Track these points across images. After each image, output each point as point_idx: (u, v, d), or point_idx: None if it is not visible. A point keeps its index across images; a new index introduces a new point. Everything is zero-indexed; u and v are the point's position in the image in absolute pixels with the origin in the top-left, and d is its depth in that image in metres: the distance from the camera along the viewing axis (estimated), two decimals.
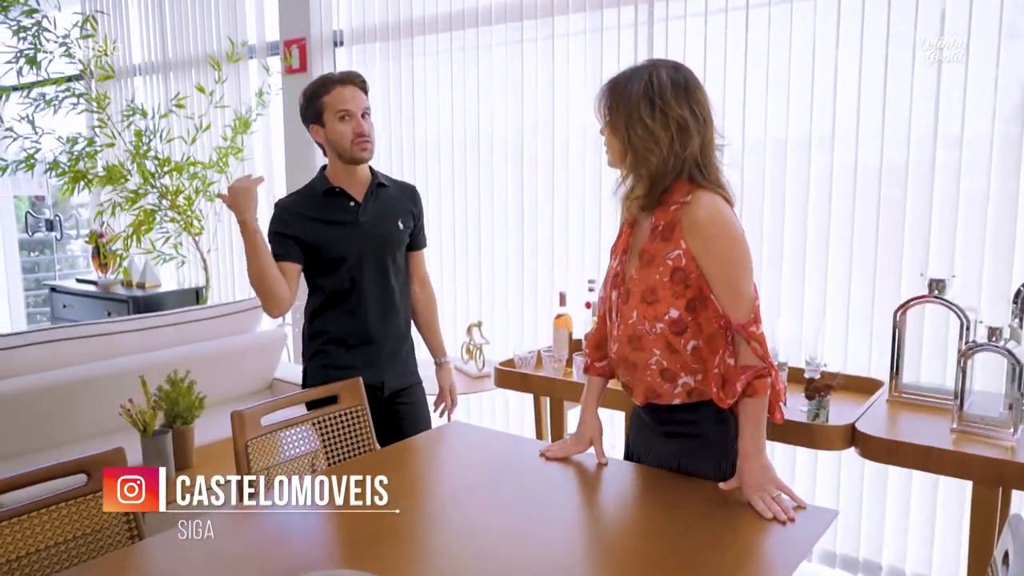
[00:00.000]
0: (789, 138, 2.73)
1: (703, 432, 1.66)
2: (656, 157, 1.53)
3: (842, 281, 2.70)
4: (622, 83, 1.56)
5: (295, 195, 2.22)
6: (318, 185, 2.19)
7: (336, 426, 2.03)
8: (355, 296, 2.17)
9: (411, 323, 2.34)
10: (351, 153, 2.12)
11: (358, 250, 2.14)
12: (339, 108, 2.09)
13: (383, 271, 2.19)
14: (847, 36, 2.58)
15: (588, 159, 3.20)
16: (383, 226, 2.19)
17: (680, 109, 1.52)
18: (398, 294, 2.25)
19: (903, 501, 2.64)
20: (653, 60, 1.61)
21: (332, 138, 2.12)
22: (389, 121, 3.80)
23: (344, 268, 2.14)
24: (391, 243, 2.21)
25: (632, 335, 1.62)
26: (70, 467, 1.51)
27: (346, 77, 2.12)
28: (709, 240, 1.53)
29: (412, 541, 1.47)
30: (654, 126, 1.52)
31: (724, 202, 1.56)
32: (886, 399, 2.23)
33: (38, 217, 6.29)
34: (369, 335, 2.19)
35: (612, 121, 1.58)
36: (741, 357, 1.57)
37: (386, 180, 2.27)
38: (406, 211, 2.27)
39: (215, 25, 4.38)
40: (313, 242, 2.12)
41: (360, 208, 2.17)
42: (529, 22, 3.27)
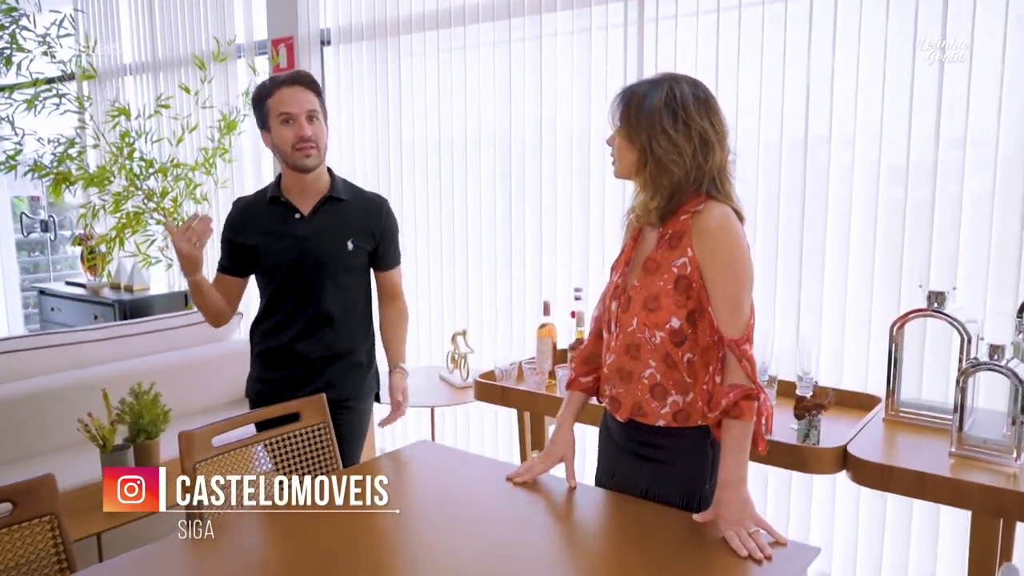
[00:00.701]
0: (784, 139, 2.61)
1: (677, 461, 1.59)
2: (679, 168, 1.49)
3: (838, 290, 2.57)
4: (640, 93, 1.52)
5: (251, 199, 2.12)
6: (268, 191, 2.08)
7: (296, 445, 1.93)
8: (282, 312, 2.06)
9: (356, 345, 2.15)
10: (292, 159, 1.98)
11: (290, 265, 2.02)
12: (280, 111, 1.95)
13: (318, 290, 2.04)
14: (844, 35, 2.46)
15: (576, 163, 3.09)
16: (326, 242, 2.03)
17: (702, 121, 1.49)
18: (337, 315, 2.08)
19: (903, 527, 2.51)
20: (670, 73, 1.56)
21: (275, 143, 1.99)
22: (376, 122, 3.70)
23: (275, 282, 2.04)
24: (332, 261, 2.04)
25: (630, 344, 1.57)
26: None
27: (291, 77, 1.99)
28: (716, 248, 1.49)
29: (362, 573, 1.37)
30: (677, 137, 1.48)
31: (735, 215, 1.52)
32: (882, 418, 2.11)
33: (33, 218, 6.24)
34: (293, 354, 2.07)
35: (628, 131, 1.53)
36: (729, 375, 1.51)
37: (347, 193, 2.10)
38: (363, 229, 2.09)
39: (204, 24, 4.30)
40: (253, 250, 2.05)
41: (303, 221, 2.04)
42: (517, 20, 3.16)
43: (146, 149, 4.07)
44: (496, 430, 3.47)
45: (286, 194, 2.05)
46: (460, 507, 1.62)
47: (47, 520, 1.46)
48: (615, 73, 2.94)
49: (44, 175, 3.76)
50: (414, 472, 1.87)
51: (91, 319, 4.55)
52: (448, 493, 1.71)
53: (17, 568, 1.41)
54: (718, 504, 1.48)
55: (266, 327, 2.10)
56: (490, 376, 2.59)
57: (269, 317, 2.09)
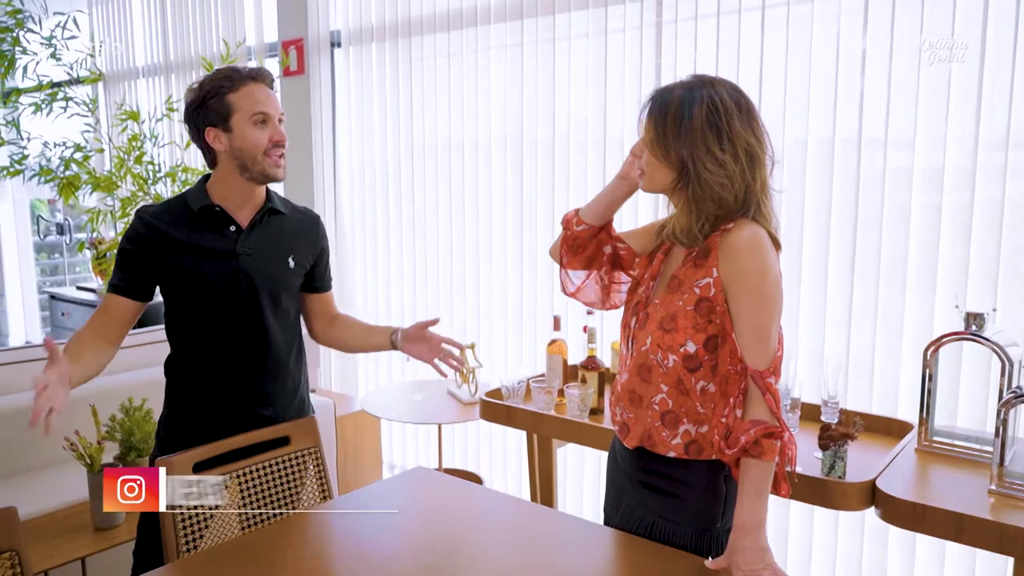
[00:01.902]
0: (809, 143, 2.46)
1: (688, 496, 1.46)
2: (728, 192, 1.36)
3: (867, 307, 2.42)
4: (675, 104, 1.36)
5: (165, 209, 1.77)
6: (193, 200, 1.75)
7: (285, 470, 1.82)
8: (214, 341, 1.76)
9: (299, 375, 1.91)
10: (262, 167, 1.72)
11: (230, 287, 1.73)
12: (256, 110, 1.69)
13: (259, 316, 1.77)
14: (874, 35, 2.31)
15: (592, 170, 2.95)
16: (266, 261, 1.78)
17: (746, 135, 1.36)
18: (278, 346, 1.82)
19: (936, 566, 2.35)
20: (705, 77, 1.40)
21: (240, 146, 1.70)
22: (385, 125, 3.60)
23: (211, 308, 1.74)
24: (274, 282, 1.79)
25: (643, 364, 1.45)
26: None
27: (257, 73, 1.73)
28: (745, 271, 1.35)
29: None
30: (724, 158, 1.34)
31: (768, 237, 1.38)
32: (915, 448, 1.96)
33: (49, 221, 6.23)
34: (239, 393, 1.79)
35: (663, 145, 1.37)
36: (751, 410, 1.38)
37: (283, 206, 1.86)
38: (302, 247, 1.86)
39: (214, 26, 4.24)
40: (177, 272, 1.72)
41: (242, 236, 1.76)
42: (530, 22, 3.04)
43: (155, 153, 4.01)
44: (506, 447, 3.34)
45: (221, 203, 1.76)
46: (454, 544, 1.50)
47: (7, 556, 1.36)
48: (631, 77, 2.81)
49: (50, 180, 3.70)
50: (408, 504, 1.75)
51: None
52: (443, 530, 1.59)
53: None
54: (733, 551, 1.34)
55: (194, 360, 1.79)
56: (496, 394, 2.47)
57: (196, 348, 1.78)
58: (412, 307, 3.61)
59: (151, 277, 1.75)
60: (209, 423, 1.77)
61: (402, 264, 3.63)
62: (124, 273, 1.74)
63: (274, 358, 1.82)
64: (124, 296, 1.74)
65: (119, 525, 2.24)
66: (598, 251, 1.61)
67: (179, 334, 1.81)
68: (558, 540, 1.56)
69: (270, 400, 1.83)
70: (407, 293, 3.62)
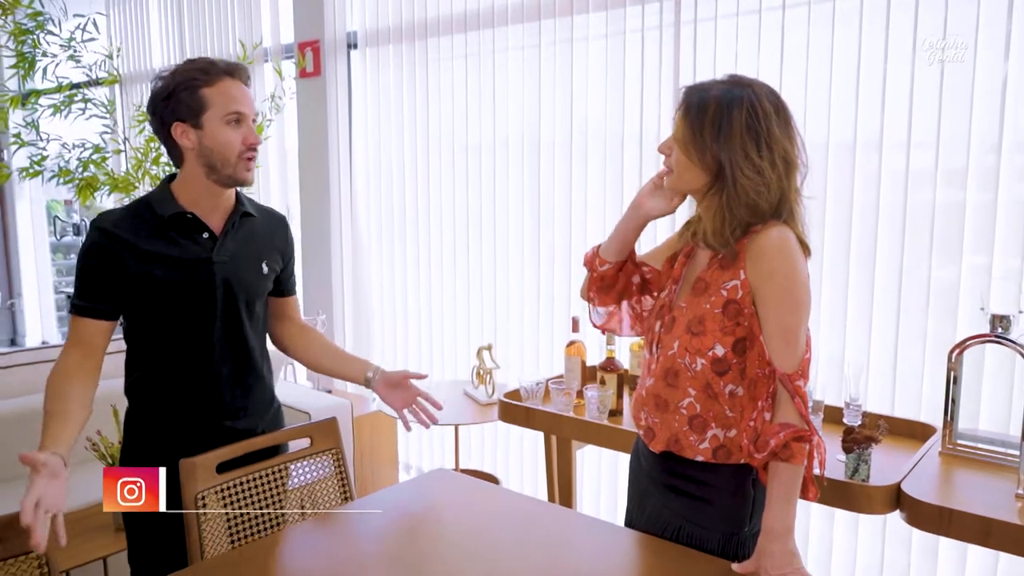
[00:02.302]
0: (830, 144, 2.44)
1: (716, 499, 1.45)
2: (764, 199, 1.34)
3: (889, 307, 2.40)
4: (714, 105, 1.34)
5: (124, 214, 1.61)
6: (160, 205, 1.60)
7: (308, 472, 1.83)
8: (200, 360, 1.65)
9: (272, 383, 1.83)
10: (233, 171, 1.60)
11: (207, 298, 1.62)
12: (231, 108, 1.56)
13: (237, 326, 1.67)
14: (897, 34, 2.29)
15: (609, 172, 2.95)
16: (243, 268, 1.67)
17: (784, 141, 1.34)
18: (258, 355, 1.74)
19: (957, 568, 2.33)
20: (745, 79, 1.38)
21: (211, 146, 1.57)
22: (402, 126, 3.60)
23: (188, 322, 1.62)
24: (251, 290, 1.69)
25: (669, 368, 1.44)
26: None
27: (235, 68, 1.59)
28: (773, 273, 1.34)
29: None
30: (763, 165, 1.32)
31: (796, 239, 1.36)
32: (939, 451, 1.94)
33: (66, 221, 6.28)
34: (221, 409, 1.69)
35: (700, 150, 1.35)
36: (780, 413, 1.36)
37: (253, 208, 1.74)
38: (273, 250, 1.76)
39: (231, 28, 4.25)
40: (148, 286, 1.58)
41: (216, 243, 1.64)
42: (548, 23, 3.04)
43: None
44: (522, 449, 3.34)
45: (191, 208, 1.62)
46: (479, 548, 1.50)
47: (33, 557, 1.37)
48: (650, 78, 2.80)
49: (69, 181, 3.73)
50: (429, 506, 1.75)
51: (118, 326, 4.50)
52: (465, 531, 1.59)
53: None
54: (761, 555, 1.33)
55: (165, 377, 1.66)
56: (515, 395, 2.47)
57: (169, 365, 1.66)
58: (428, 308, 3.61)
59: (119, 293, 1.58)
60: (182, 439, 1.66)
61: (418, 265, 3.63)
62: (90, 292, 1.57)
63: (251, 368, 1.74)
64: (95, 318, 1.58)
65: None
66: (627, 284, 1.60)
67: (147, 351, 1.67)
68: (583, 542, 1.55)
69: (248, 411, 1.74)
70: (423, 294, 3.62)
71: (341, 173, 3.85)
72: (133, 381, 1.70)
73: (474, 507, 1.71)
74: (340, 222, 3.88)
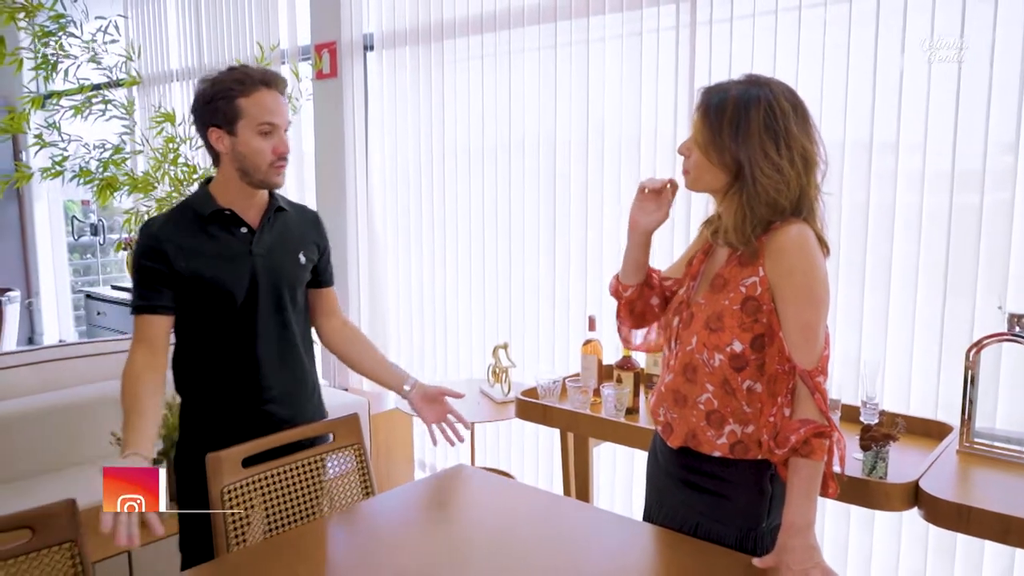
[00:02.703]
0: (846, 144, 2.45)
1: (733, 495, 1.47)
2: (784, 197, 1.35)
3: (906, 306, 2.40)
4: (732, 105, 1.36)
5: (168, 219, 1.73)
6: (200, 205, 1.72)
7: (331, 467, 1.85)
8: (245, 347, 1.75)
9: (316, 376, 1.93)
10: (264, 176, 1.69)
11: (251, 288, 1.72)
12: (263, 119, 1.65)
13: (280, 314, 1.78)
14: (914, 36, 2.30)
15: (625, 172, 2.96)
16: (280, 259, 1.78)
17: (802, 139, 1.36)
18: (300, 342, 1.84)
19: (974, 565, 2.33)
20: (762, 78, 1.40)
21: (243, 152, 1.67)
22: (419, 128, 3.63)
23: (233, 312, 1.72)
24: (290, 279, 1.80)
25: (688, 364, 1.46)
26: (11, 522, 1.35)
27: (272, 79, 1.68)
28: (792, 270, 1.35)
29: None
30: (782, 163, 1.34)
31: (814, 236, 1.38)
32: (956, 449, 1.95)
33: (83, 221, 6.34)
34: (263, 394, 1.77)
35: (719, 150, 1.37)
36: (800, 409, 1.37)
37: (286, 203, 1.85)
38: (309, 242, 1.86)
39: (248, 30, 4.29)
40: (196, 280, 1.68)
41: (255, 236, 1.74)
42: (564, 24, 3.06)
43: (190, 155, 4.06)
44: (538, 447, 3.36)
45: (229, 206, 1.73)
46: (500, 542, 1.52)
47: (67, 547, 1.40)
48: (666, 79, 2.81)
49: (89, 181, 3.76)
50: (451, 500, 1.77)
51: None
52: (487, 526, 1.61)
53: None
54: (782, 550, 1.35)
55: (211, 367, 1.76)
56: (532, 393, 2.49)
57: (215, 355, 1.75)
58: (443, 307, 3.64)
59: (173, 288, 1.69)
60: (229, 427, 1.75)
61: (434, 264, 3.66)
62: (149, 291, 1.68)
63: (294, 355, 1.83)
64: (157, 314, 1.68)
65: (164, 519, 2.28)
66: (647, 306, 1.63)
67: (196, 343, 1.76)
68: (603, 537, 1.57)
69: (290, 399, 1.83)
70: (439, 293, 3.65)
71: (357, 174, 3.88)
72: (183, 374, 1.80)
73: (496, 502, 1.73)
74: (356, 222, 3.91)
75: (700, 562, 1.41)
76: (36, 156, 4.06)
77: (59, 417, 2.60)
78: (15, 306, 4.84)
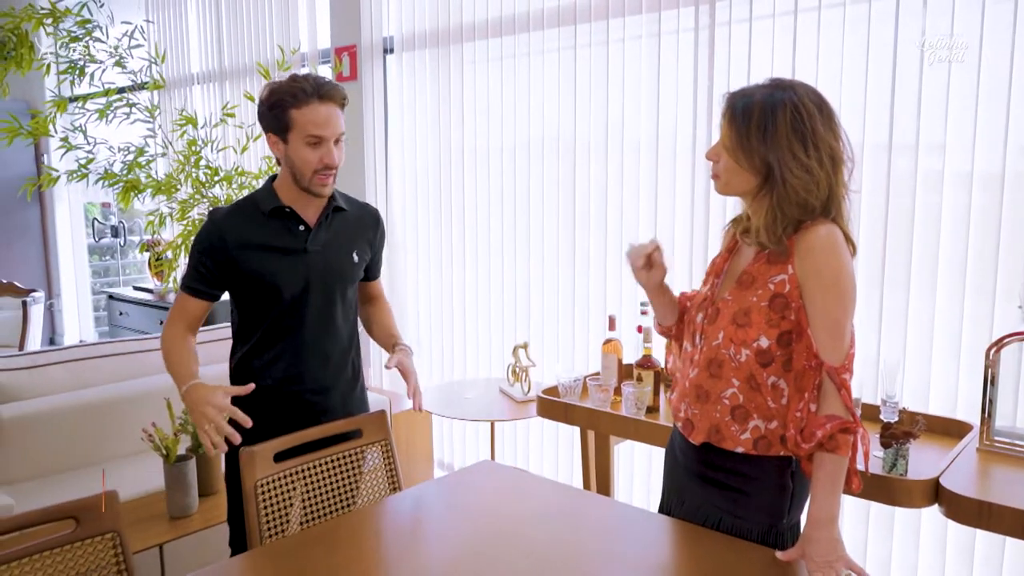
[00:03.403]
0: (865, 145, 2.47)
1: (755, 492, 1.49)
2: (815, 197, 1.39)
3: (925, 305, 2.42)
4: (758, 109, 1.39)
5: (235, 211, 1.84)
6: (263, 201, 1.83)
7: (358, 463, 1.89)
8: (293, 338, 1.85)
9: (361, 370, 2.03)
10: (308, 184, 1.78)
11: (302, 284, 1.82)
12: (311, 132, 1.73)
13: (329, 309, 1.88)
14: (933, 36, 2.31)
15: (644, 173, 2.99)
16: (334, 257, 1.87)
17: (828, 138, 1.39)
18: (345, 337, 1.94)
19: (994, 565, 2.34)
20: (786, 81, 1.43)
21: (292, 159, 1.77)
22: (438, 130, 3.67)
23: (283, 305, 1.83)
24: (342, 277, 1.89)
25: (713, 359, 1.48)
26: (56, 512, 1.40)
27: (326, 91, 1.74)
28: (821, 269, 1.38)
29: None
30: (810, 163, 1.37)
31: (842, 235, 1.41)
32: (976, 447, 1.97)
33: (104, 224, 6.42)
34: (307, 383, 1.87)
35: (748, 154, 1.41)
36: (826, 405, 1.40)
37: (345, 203, 1.93)
38: (364, 240, 1.95)
39: (269, 33, 4.35)
40: (250, 272, 1.79)
41: (311, 234, 1.84)
42: (583, 26, 3.09)
43: (212, 157, 4.13)
44: (557, 445, 3.39)
45: (291, 204, 1.83)
46: (524, 535, 1.55)
47: (109, 537, 1.44)
48: (684, 80, 2.84)
49: (114, 183, 3.84)
50: (476, 496, 1.80)
51: (157, 324, 4.62)
52: (511, 519, 1.64)
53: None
54: (806, 542, 1.37)
55: (268, 357, 1.86)
56: (553, 392, 2.52)
57: (271, 345, 1.86)
58: (462, 308, 3.67)
59: (226, 278, 1.81)
60: (273, 416, 1.84)
61: (453, 265, 3.69)
62: (200, 275, 1.81)
63: (339, 349, 1.93)
64: (200, 299, 1.83)
65: (192, 514, 2.33)
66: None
67: (249, 331, 1.88)
68: (627, 530, 1.60)
69: (333, 392, 1.92)
70: (458, 293, 3.69)
71: (377, 175, 3.93)
72: (238, 356, 1.90)
73: (521, 495, 1.76)
74: None
75: (724, 555, 1.44)
76: (62, 159, 4.12)
77: (90, 414, 2.65)
78: (39, 306, 4.92)
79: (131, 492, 2.45)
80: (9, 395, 2.55)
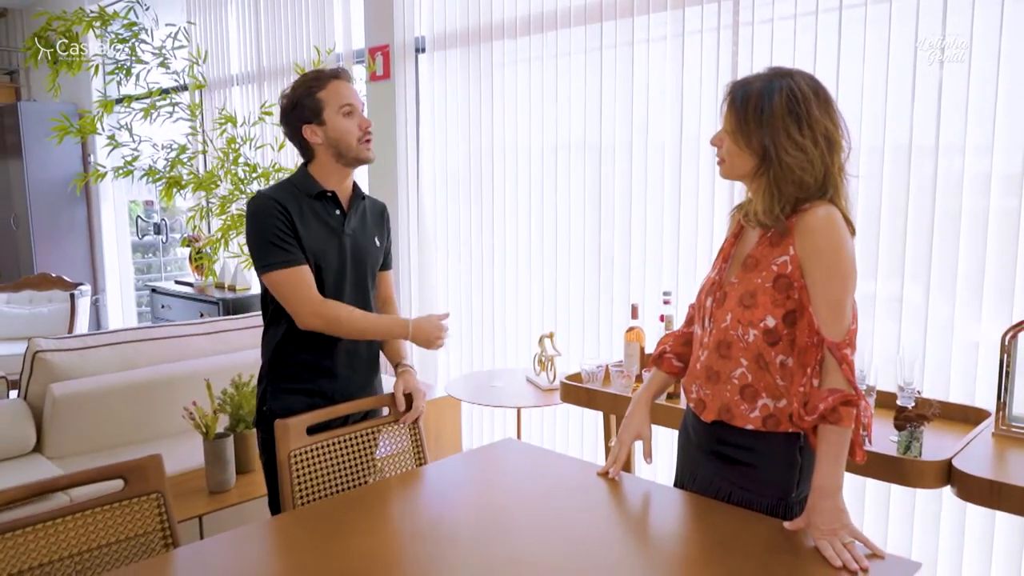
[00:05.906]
0: (886, 146, 2.50)
1: (765, 465, 1.55)
2: (809, 175, 1.45)
3: (945, 296, 2.44)
4: (756, 95, 1.47)
5: (279, 190, 1.90)
6: (304, 186, 1.91)
7: (387, 437, 1.98)
8: None
9: (379, 354, 2.12)
10: (356, 152, 1.90)
11: (341, 263, 1.93)
12: (343, 102, 1.87)
13: (363, 288, 1.99)
14: (954, 36, 2.33)
15: (667, 168, 3.05)
16: (364, 241, 1.99)
17: (824, 120, 1.45)
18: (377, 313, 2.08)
19: (1014, 545, 2.36)
20: (784, 69, 1.50)
21: (335, 136, 1.87)
22: (468, 127, 3.76)
23: (326, 284, 1.90)
24: (372, 259, 2.01)
25: (722, 340, 1.54)
26: (108, 472, 1.51)
27: (339, 72, 1.92)
28: (821, 249, 1.44)
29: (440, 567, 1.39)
30: (804, 142, 1.43)
31: (841, 216, 1.47)
32: (991, 432, 2.00)
33: (147, 221, 6.63)
34: (345, 360, 1.97)
35: (744, 133, 1.48)
36: (828, 379, 1.46)
37: (362, 194, 2.04)
38: (381, 229, 2.08)
39: (305, 34, 4.48)
40: (307, 247, 1.87)
41: (346, 219, 1.95)
42: (609, 25, 3.15)
43: (250, 155, 4.26)
44: (582, 433, 3.46)
45: (331, 189, 1.93)
46: (544, 506, 1.62)
47: (154, 497, 1.54)
48: (708, 78, 2.89)
49: (157, 179, 3.99)
50: (499, 469, 1.88)
51: (197, 316, 4.79)
52: (532, 491, 1.71)
53: (127, 541, 1.50)
54: (811, 512, 1.43)
55: (298, 337, 1.91)
56: (576, 378, 2.59)
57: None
58: (491, 301, 3.76)
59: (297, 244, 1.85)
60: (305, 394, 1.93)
61: (482, 260, 3.78)
62: (290, 243, 1.83)
63: None
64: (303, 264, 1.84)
65: (230, 489, 2.45)
66: None
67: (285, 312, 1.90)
68: (642, 502, 1.66)
69: (361, 373, 2.02)
70: (487, 286, 3.77)
71: (409, 171, 4.03)
72: (275, 336, 1.93)
73: (542, 471, 1.84)
74: (408, 220, 4.05)
75: (734, 526, 1.49)
76: (108, 156, 4.29)
77: (135, 393, 2.78)
78: (86, 299, 5.11)
79: (173, 468, 2.56)
80: (60, 374, 2.69)
